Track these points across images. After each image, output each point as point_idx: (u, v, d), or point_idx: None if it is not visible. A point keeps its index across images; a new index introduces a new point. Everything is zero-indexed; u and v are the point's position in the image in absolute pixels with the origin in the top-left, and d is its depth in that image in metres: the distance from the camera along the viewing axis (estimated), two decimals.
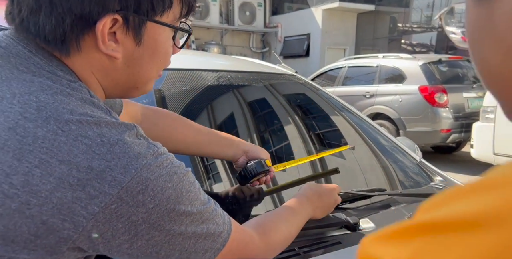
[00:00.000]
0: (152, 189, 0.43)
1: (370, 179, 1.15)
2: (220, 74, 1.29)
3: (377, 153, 1.27)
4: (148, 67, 0.52)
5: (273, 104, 1.38)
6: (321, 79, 6.13)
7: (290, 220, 0.68)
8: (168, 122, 0.78)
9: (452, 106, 4.72)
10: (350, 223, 0.82)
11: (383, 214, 0.90)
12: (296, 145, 1.24)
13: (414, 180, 1.18)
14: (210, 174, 0.99)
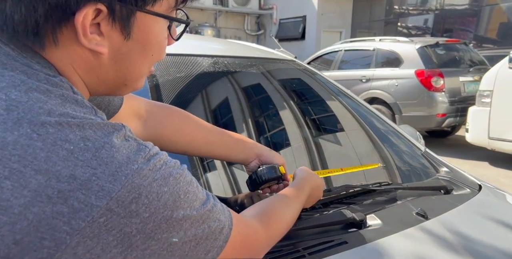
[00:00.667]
0: (147, 196, 0.38)
1: (373, 171, 1.11)
2: (216, 60, 1.22)
3: (380, 142, 1.22)
4: (139, 63, 0.46)
5: (272, 92, 1.32)
6: (316, 63, 6.03)
7: (292, 204, 0.65)
8: (176, 121, 0.71)
9: (448, 90, 4.69)
10: (356, 220, 0.78)
11: (389, 210, 0.86)
12: (298, 134, 1.20)
13: (419, 171, 1.14)
14: (219, 175, 0.93)
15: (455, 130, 5.47)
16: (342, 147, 1.22)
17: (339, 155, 1.19)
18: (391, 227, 0.78)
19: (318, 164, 1.10)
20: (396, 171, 1.12)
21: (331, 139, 1.24)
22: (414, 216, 0.83)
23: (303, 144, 1.16)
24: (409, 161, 1.17)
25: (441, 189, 0.98)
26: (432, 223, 0.81)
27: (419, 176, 1.11)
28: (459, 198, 0.95)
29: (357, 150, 1.22)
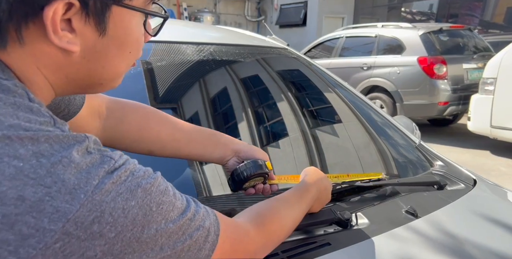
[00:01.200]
0: (111, 214, 0.34)
1: (364, 164, 1.07)
2: (202, 47, 1.16)
3: (372, 134, 1.18)
4: (116, 61, 0.42)
5: (262, 82, 1.27)
6: (317, 50, 5.93)
7: (294, 206, 0.61)
8: (137, 118, 0.65)
9: (451, 78, 4.60)
10: (342, 219, 0.74)
11: (378, 207, 0.82)
12: (288, 125, 1.15)
13: (412, 165, 1.10)
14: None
15: (457, 118, 5.41)
16: (332, 139, 1.18)
17: (330, 147, 1.15)
18: (378, 226, 0.74)
19: (308, 156, 1.07)
20: (389, 165, 1.07)
21: (321, 130, 1.20)
22: (404, 214, 0.80)
23: (294, 136, 1.12)
24: (403, 155, 1.12)
25: (434, 185, 0.94)
26: (421, 222, 0.77)
27: (412, 170, 1.07)
28: (452, 194, 0.92)
29: (349, 143, 1.18)
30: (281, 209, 0.58)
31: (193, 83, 1.12)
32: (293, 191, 0.65)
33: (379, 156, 1.10)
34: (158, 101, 1.02)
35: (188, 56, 1.12)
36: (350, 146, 1.18)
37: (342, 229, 0.72)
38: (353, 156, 1.15)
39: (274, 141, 1.09)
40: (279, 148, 1.07)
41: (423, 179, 0.94)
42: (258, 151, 0.71)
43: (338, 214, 0.74)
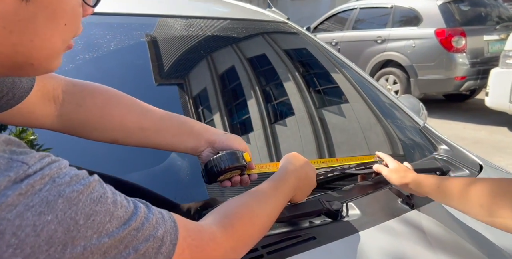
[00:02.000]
0: (15, 234, 0.28)
1: (364, 146, 1.01)
2: (192, 21, 1.08)
3: (374, 115, 1.11)
4: (48, 34, 0.36)
5: (261, 59, 1.20)
6: (330, 23, 5.69)
7: (269, 200, 0.55)
8: (98, 103, 0.58)
9: (470, 51, 4.37)
10: (330, 210, 0.70)
11: (372, 197, 0.77)
12: (289, 103, 1.09)
13: (414, 148, 1.03)
14: None
15: (474, 94, 5.20)
16: (333, 119, 1.11)
17: (330, 126, 1.08)
18: (370, 218, 0.69)
19: (307, 135, 1.01)
20: (389, 148, 1.01)
21: (322, 109, 1.13)
22: (399, 204, 0.74)
23: (296, 114, 1.06)
24: (405, 137, 1.06)
25: (436, 171, 0.88)
26: (417, 214, 0.72)
27: (414, 154, 1.00)
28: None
29: (350, 123, 1.11)
30: (253, 205, 0.53)
31: (186, 59, 1.06)
32: (268, 182, 0.59)
33: (380, 138, 1.04)
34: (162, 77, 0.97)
35: (176, 31, 1.05)
36: (351, 126, 1.11)
37: (330, 221, 0.68)
38: (354, 137, 1.09)
39: (276, 119, 1.04)
40: (283, 126, 1.02)
41: (424, 165, 0.87)
42: (235, 140, 0.65)
43: (327, 205, 0.69)
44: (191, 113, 0.92)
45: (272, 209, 0.56)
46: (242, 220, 0.49)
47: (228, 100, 1.03)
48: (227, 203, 0.53)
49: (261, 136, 0.95)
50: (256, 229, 0.52)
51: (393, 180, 0.75)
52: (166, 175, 0.80)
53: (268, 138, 0.96)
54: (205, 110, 0.97)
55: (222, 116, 0.95)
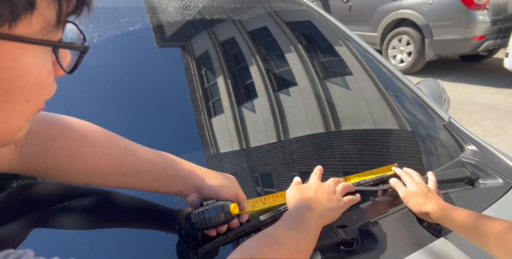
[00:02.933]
0: None
1: (378, 154, 0.90)
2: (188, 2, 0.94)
3: (391, 111, 0.98)
4: (2, 116, 0.29)
5: (263, 31, 1.08)
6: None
7: (292, 231, 0.52)
8: (69, 144, 0.49)
9: (493, 7, 4.04)
10: (346, 239, 0.61)
11: (391, 219, 0.68)
12: (294, 74, 0.98)
13: (438, 149, 0.92)
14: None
15: (492, 53, 4.91)
16: (345, 110, 0.99)
17: (343, 118, 0.97)
18: (391, 250, 0.61)
19: (317, 109, 0.92)
20: (409, 151, 0.90)
21: (332, 95, 1.00)
22: (423, 230, 0.65)
23: (302, 87, 0.96)
24: (427, 136, 0.94)
25: (464, 180, 0.78)
26: (445, 243, 0.63)
27: (438, 157, 0.89)
28: (486, 194, 0.75)
29: (367, 120, 0.99)
30: (271, 246, 0.47)
31: (187, 26, 0.98)
32: (282, 225, 0.52)
33: (397, 139, 0.92)
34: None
35: (171, 16, 0.92)
36: (367, 121, 0.99)
37: (344, 258, 0.59)
38: (372, 134, 0.97)
39: (281, 92, 0.95)
40: (287, 97, 0.93)
41: (451, 175, 0.77)
42: (224, 189, 0.58)
43: (341, 234, 0.61)
44: (194, 76, 0.90)
45: (298, 237, 0.51)
46: (267, 255, 0.45)
47: (231, 69, 0.97)
48: (246, 245, 0.47)
49: (266, 105, 0.91)
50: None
51: (411, 205, 0.66)
52: None
53: (274, 108, 0.91)
54: (209, 72, 0.94)
55: (225, 80, 0.93)
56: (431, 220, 0.63)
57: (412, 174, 0.72)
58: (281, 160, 0.82)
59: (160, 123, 0.80)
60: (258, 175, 0.78)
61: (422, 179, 0.71)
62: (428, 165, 0.86)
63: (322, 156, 0.85)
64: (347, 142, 0.90)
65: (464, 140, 0.91)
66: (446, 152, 0.90)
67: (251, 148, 0.82)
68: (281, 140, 0.85)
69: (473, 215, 0.55)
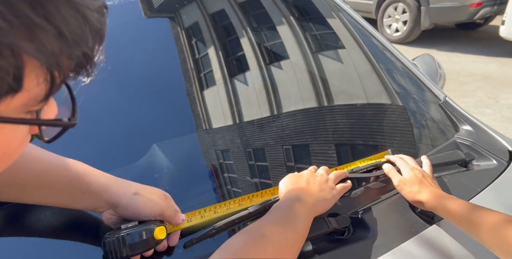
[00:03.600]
0: None
1: (372, 135, 0.87)
2: None
3: (384, 88, 0.95)
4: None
5: (253, 4, 1.02)
6: None
7: (279, 224, 0.50)
8: None
9: None
10: (338, 228, 0.60)
11: (384, 206, 0.66)
12: (287, 47, 0.94)
13: (432, 130, 0.90)
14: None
15: (488, 21, 4.81)
16: (338, 84, 0.96)
17: (337, 93, 0.95)
18: (383, 238, 0.60)
19: (310, 81, 0.89)
20: (402, 131, 0.88)
21: (325, 69, 0.97)
22: (416, 217, 0.64)
23: (295, 60, 0.93)
24: (421, 116, 0.91)
25: (458, 163, 0.77)
26: (438, 230, 0.62)
27: (432, 138, 0.87)
28: (480, 177, 0.74)
29: (361, 96, 0.96)
30: (259, 239, 0.46)
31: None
32: (275, 208, 0.52)
33: (391, 118, 0.90)
34: None
35: None
36: (361, 99, 0.96)
37: (336, 246, 0.58)
38: (364, 113, 0.95)
39: (272, 65, 0.92)
40: (279, 71, 0.90)
41: (445, 158, 0.75)
42: (146, 206, 0.50)
43: (333, 223, 0.60)
44: (184, 47, 0.87)
45: (287, 231, 0.49)
46: (252, 252, 0.43)
47: (222, 41, 0.94)
48: (232, 237, 0.46)
49: (258, 78, 0.88)
50: (271, 255, 0.45)
51: (405, 193, 0.64)
52: (146, 173, 0.69)
53: (266, 82, 0.89)
54: (199, 44, 0.91)
55: (217, 52, 0.90)
56: (425, 208, 0.62)
57: (407, 159, 0.70)
58: (274, 134, 0.80)
59: (149, 96, 0.76)
60: (250, 150, 0.77)
61: (416, 164, 0.69)
62: (422, 147, 0.84)
63: (315, 130, 0.83)
64: (339, 117, 0.87)
65: (459, 119, 0.88)
66: (441, 133, 0.88)
67: (244, 122, 0.80)
68: (274, 114, 0.83)
69: (468, 206, 0.53)
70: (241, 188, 0.71)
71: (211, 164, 0.73)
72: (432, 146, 0.83)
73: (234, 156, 0.76)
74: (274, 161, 0.76)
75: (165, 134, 0.75)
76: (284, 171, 0.73)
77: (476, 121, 0.87)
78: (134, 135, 0.72)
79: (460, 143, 0.83)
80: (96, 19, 0.23)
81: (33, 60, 0.21)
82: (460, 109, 0.90)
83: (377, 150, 0.80)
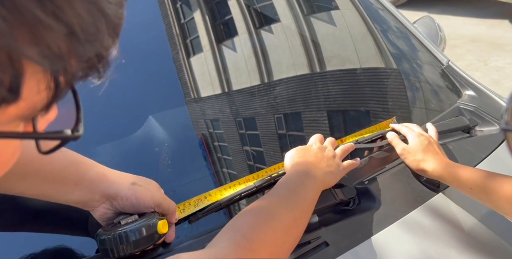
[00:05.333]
0: None
1: (372, 99, 0.84)
2: None
3: (387, 52, 0.91)
4: None
5: None
6: None
7: (287, 202, 0.48)
8: None
9: None
10: (345, 199, 0.59)
11: (390, 175, 0.65)
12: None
13: (436, 97, 0.87)
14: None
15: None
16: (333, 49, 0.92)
17: (332, 59, 0.91)
18: (390, 208, 0.59)
19: (302, 47, 0.85)
20: (406, 97, 0.85)
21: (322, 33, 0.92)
22: (421, 185, 0.63)
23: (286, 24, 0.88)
24: (425, 82, 0.88)
25: (463, 129, 0.75)
26: (444, 198, 0.61)
27: (436, 103, 0.85)
28: (484, 143, 0.73)
29: (354, 58, 0.92)
30: (271, 212, 0.44)
31: None
32: (280, 184, 0.50)
33: (394, 84, 0.86)
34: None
35: None
36: (361, 64, 0.92)
37: (342, 217, 0.57)
38: (364, 79, 0.91)
39: (263, 29, 0.87)
40: (269, 35, 0.85)
41: (450, 125, 0.73)
42: (145, 197, 0.46)
43: (339, 195, 0.58)
44: (168, 11, 0.81)
45: (295, 211, 0.47)
46: (260, 231, 0.41)
47: (208, 3, 0.87)
48: (242, 214, 0.45)
49: (248, 43, 0.84)
50: (277, 235, 0.43)
51: (409, 162, 0.62)
52: (141, 148, 0.66)
53: (256, 47, 0.84)
54: (184, 7, 0.85)
55: (203, 16, 0.84)
56: (431, 177, 0.60)
57: (412, 127, 0.67)
58: (265, 102, 0.76)
59: (133, 63, 0.70)
60: (241, 120, 0.74)
61: (422, 130, 0.67)
62: (426, 114, 0.82)
63: (308, 97, 0.80)
64: (337, 84, 0.84)
65: (462, 84, 0.86)
66: (444, 99, 0.85)
67: (233, 91, 0.76)
68: (265, 82, 0.79)
69: (481, 174, 0.52)
70: (236, 165, 0.68)
71: (201, 133, 0.69)
72: (436, 113, 0.81)
73: (223, 125, 0.72)
74: (265, 130, 0.73)
75: (153, 105, 0.70)
76: (286, 143, 0.70)
77: (479, 86, 0.85)
78: (120, 106, 0.67)
79: (464, 108, 0.81)
80: (115, 13, 0.19)
81: (35, 66, 0.17)
82: (463, 74, 0.87)
83: (379, 117, 0.77)
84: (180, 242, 0.51)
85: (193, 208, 0.54)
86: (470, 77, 0.87)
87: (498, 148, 0.71)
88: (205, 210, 0.54)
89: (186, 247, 0.50)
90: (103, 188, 0.45)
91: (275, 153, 0.69)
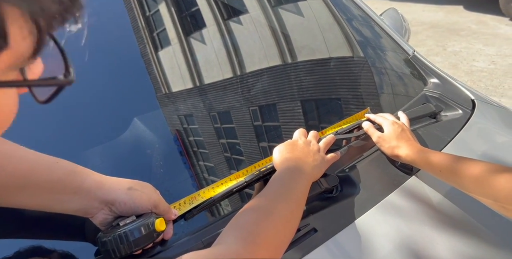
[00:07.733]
0: None
1: (343, 89, 0.89)
2: None
3: (356, 44, 0.95)
4: None
5: None
6: None
7: (283, 198, 0.51)
8: None
9: None
10: (329, 187, 0.63)
11: (368, 162, 0.69)
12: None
13: (403, 84, 0.93)
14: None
15: None
16: (305, 41, 0.95)
17: (304, 51, 0.93)
18: (370, 193, 0.63)
19: (273, 38, 0.87)
20: (375, 86, 0.90)
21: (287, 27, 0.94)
22: (396, 170, 0.68)
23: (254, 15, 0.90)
24: (392, 71, 0.93)
25: (430, 115, 0.81)
26: (417, 181, 0.67)
27: (404, 91, 0.90)
28: (449, 127, 0.79)
29: (328, 53, 0.96)
30: (270, 207, 0.48)
31: None
32: (273, 181, 0.53)
33: (363, 74, 0.91)
34: None
35: None
36: (331, 54, 0.96)
37: (327, 205, 0.61)
38: (334, 70, 0.95)
39: (231, 21, 0.87)
40: (238, 26, 0.86)
41: (419, 112, 0.79)
42: (141, 199, 0.48)
43: (324, 183, 0.62)
44: (133, 3, 0.78)
45: (292, 205, 0.51)
46: (261, 226, 0.44)
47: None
48: (243, 212, 0.47)
49: (216, 35, 0.84)
50: (279, 228, 0.46)
51: (384, 149, 0.68)
52: (130, 150, 0.66)
53: (225, 39, 0.84)
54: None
55: (169, 8, 0.82)
56: (405, 162, 0.65)
57: (386, 116, 0.72)
58: (239, 95, 0.77)
59: (100, 58, 0.68)
60: (215, 114, 0.75)
61: (396, 119, 0.72)
62: (395, 102, 0.87)
63: (282, 88, 0.82)
64: (307, 75, 0.86)
65: (427, 73, 0.92)
66: (411, 87, 0.91)
67: (204, 84, 0.76)
68: (237, 74, 0.79)
69: (449, 158, 0.57)
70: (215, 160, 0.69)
71: (176, 129, 0.69)
72: (405, 100, 0.86)
73: (198, 120, 0.72)
74: (241, 123, 0.74)
75: (122, 103, 0.68)
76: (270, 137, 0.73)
77: (442, 74, 0.91)
78: (88, 106, 0.65)
79: (429, 95, 0.87)
80: None
81: (14, 8, 0.18)
82: (428, 63, 0.93)
83: (350, 104, 0.82)
84: (178, 238, 0.54)
85: (188, 205, 0.56)
86: (434, 66, 0.93)
87: (461, 131, 0.77)
88: (200, 206, 0.56)
89: (184, 243, 0.53)
90: (101, 195, 0.46)
91: (252, 144, 0.71)
